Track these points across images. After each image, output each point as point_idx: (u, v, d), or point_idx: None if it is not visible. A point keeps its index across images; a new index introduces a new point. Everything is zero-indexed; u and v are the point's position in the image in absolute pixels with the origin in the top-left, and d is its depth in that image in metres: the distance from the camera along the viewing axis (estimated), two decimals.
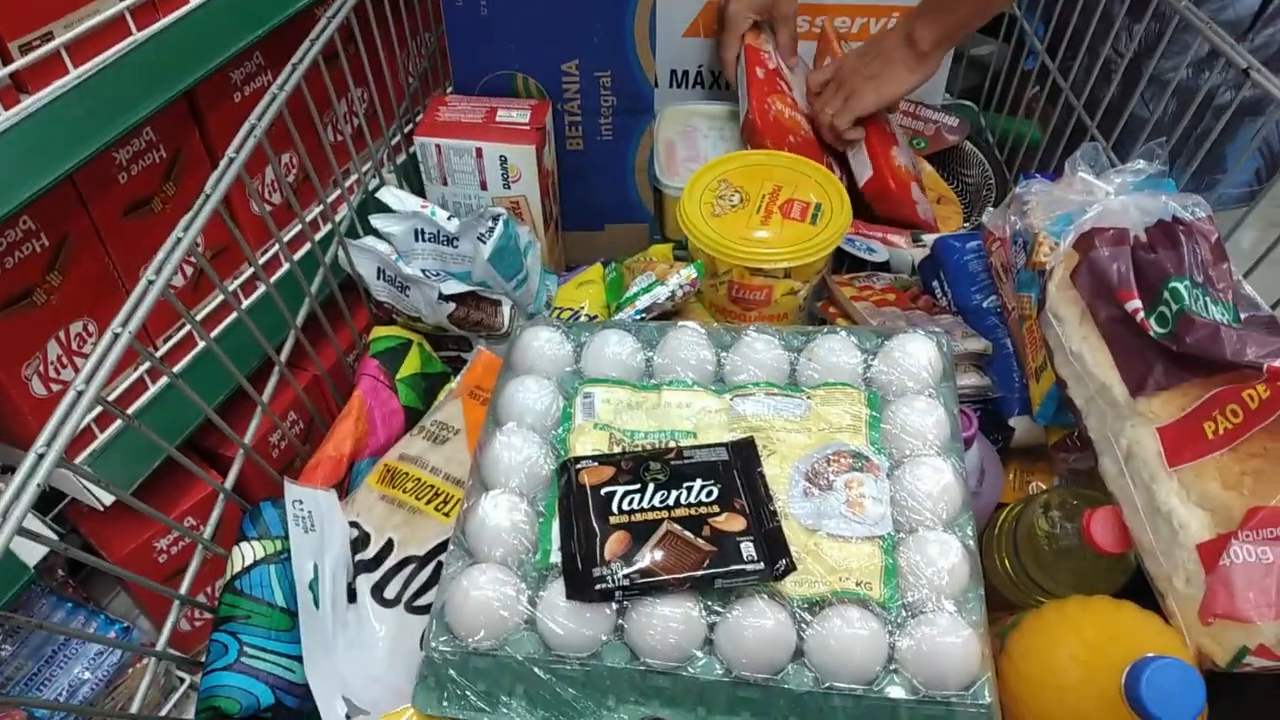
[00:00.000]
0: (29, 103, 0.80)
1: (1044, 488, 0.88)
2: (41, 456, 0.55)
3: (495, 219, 0.95)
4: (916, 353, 0.74)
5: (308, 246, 1.04)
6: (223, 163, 0.73)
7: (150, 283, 0.63)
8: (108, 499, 0.98)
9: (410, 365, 0.96)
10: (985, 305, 0.92)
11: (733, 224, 0.97)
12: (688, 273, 0.96)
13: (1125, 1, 1.07)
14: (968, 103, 1.36)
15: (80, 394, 0.57)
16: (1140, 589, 0.67)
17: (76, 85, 0.82)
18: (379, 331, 0.99)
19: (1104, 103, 1.10)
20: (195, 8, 0.88)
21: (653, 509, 0.64)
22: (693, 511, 0.63)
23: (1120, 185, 0.78)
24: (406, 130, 1.14)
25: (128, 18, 0.85)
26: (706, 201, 0.99)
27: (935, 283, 0.98)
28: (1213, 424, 0.64)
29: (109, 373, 0.59)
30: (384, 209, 0.97)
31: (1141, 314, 0.69)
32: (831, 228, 0.95)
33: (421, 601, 0.73)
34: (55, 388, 0.93)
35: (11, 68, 0.78)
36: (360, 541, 0.78)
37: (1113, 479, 0.71)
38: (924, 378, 0.73)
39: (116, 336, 0.60)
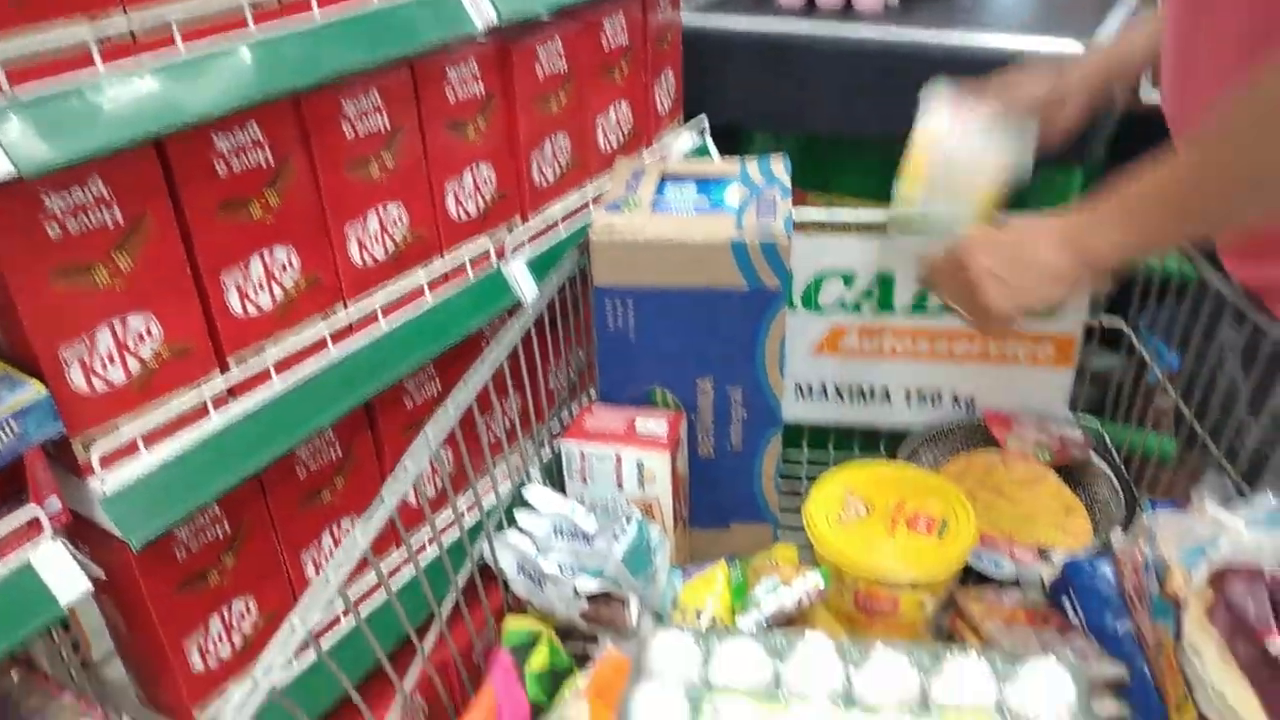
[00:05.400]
0: (235, 409, 0.91)
1: None
2: None
3: (629, 519, 1.00)
4: (1053, 683, 0.73)
5: (456, 535, 1.11)
6: (398, 469, 0.81)
7: (327, 581, 0.70)
8: None
9: (539, 659, 0.98)
10: (1120, 631, 0.90)
11: (859, 533, 1.00)
12: (815, 581, 0.98)
13: (1236, 329, 1.09)
14: (1091, 416, 1.39)
15: (257, 684, 0.63)
16: None
17: (276, 398, 0.94)
18: (512, 623, 1.02)
19: (1226, 429, 1.11)
20: (386, 334, 1.02)
21: None
22: None
23: (1251, 520, 0.79)
24: (555, 433, 1.24)
25: (328, 338, 0.98)
26: (833, 511, 1.03)
27: (1066, 601, 0.97)
28: None
29: (284, 664, 0.65)
30: (525, 503, 1.05)
31: None
32: (958, 544, 0.97)
33: None
34: (212, 663, 0.99)
35: (228, 380, 0.91)
36: None
37: None
38: (1061, 711, 0.72)
39: (294, 630, 0.66)
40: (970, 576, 1.10)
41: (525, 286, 1.13)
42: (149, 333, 0.84)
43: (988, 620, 0.95)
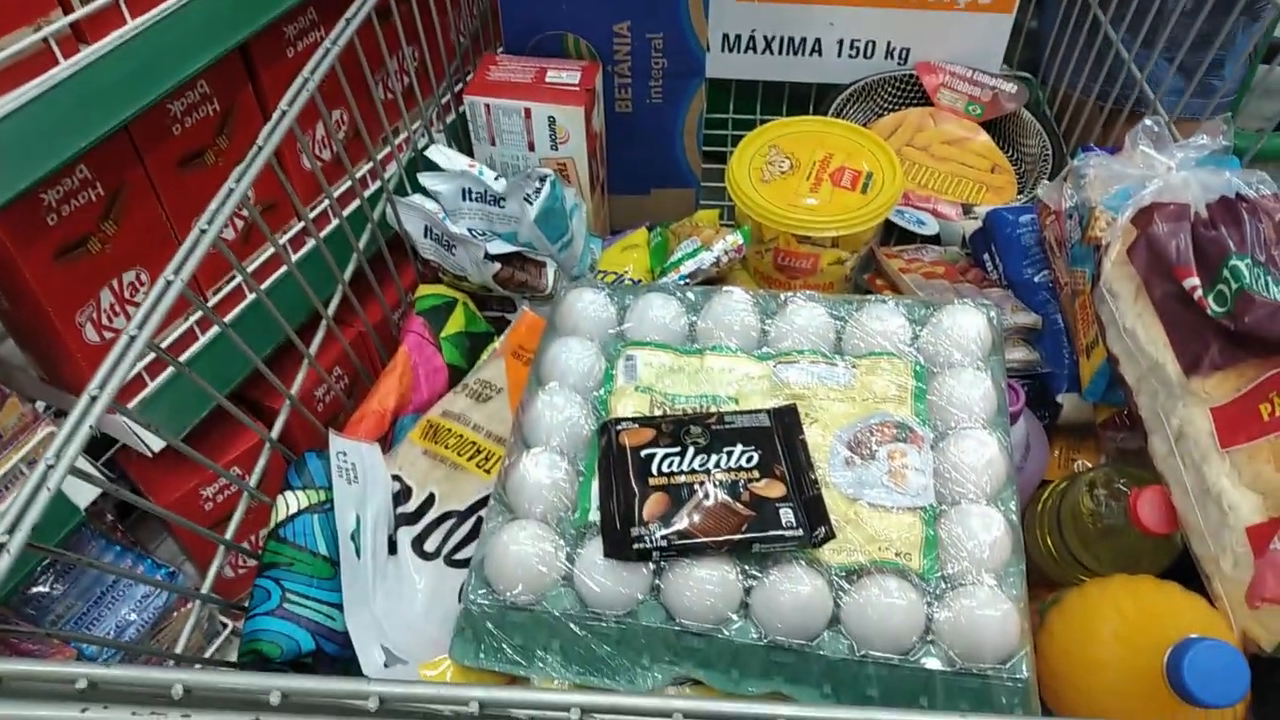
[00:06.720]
0: (87, 52, 0.81)
1: (1090, 466, 0.87)
2: (94, 399, 0.56)
3: (542, 180, 0.94)
4: (965, 325, 0.73)
5: (357, 203, 1.04)
6: (275, 115, 0.73)
7: (203, 232, 0.64)
8: (157, 445, 1.00)
9: (455, 324, 0.96)
10: (1037, 280, 0.90)
11: (781, 191, 0.96)
12: (733, 239, 0.96)
13: None
14: (1025, 74, 1.33)
15: (133, 339, 0.58)
16: (1186, 570, 0.66)
17: (134, 36, 0.83)
18: (425, 290, 0.99)
19: None
20: None
21: (692, 472, 0.64)
22: (732, 476, 0.63)
23: (1182, 160, 0.76)
24: (457, 89, 1.14)
25: None
26: (756, 167, 0.98)
27: (986, 256, 0.97)
28: (1269, 406, 0.62)
29: (161, 319, 0.60)
30: (433, 167, 0.98)
31: (1199, 292, 0.67)
32: (882, 198, 0.94)
33: (461, 555, 0.74)
34: (108, 335, 0.94)
35: (71, 17, 0.79)
36: (402, 495, 0.79)
37: (1162, 459, 0.69)
38: (972, 350, 0.72)
39: (169, 284, 0.61)
40: (892, 237, 1.09)
41: None
42: None
43: (906, 274, 0.94)
